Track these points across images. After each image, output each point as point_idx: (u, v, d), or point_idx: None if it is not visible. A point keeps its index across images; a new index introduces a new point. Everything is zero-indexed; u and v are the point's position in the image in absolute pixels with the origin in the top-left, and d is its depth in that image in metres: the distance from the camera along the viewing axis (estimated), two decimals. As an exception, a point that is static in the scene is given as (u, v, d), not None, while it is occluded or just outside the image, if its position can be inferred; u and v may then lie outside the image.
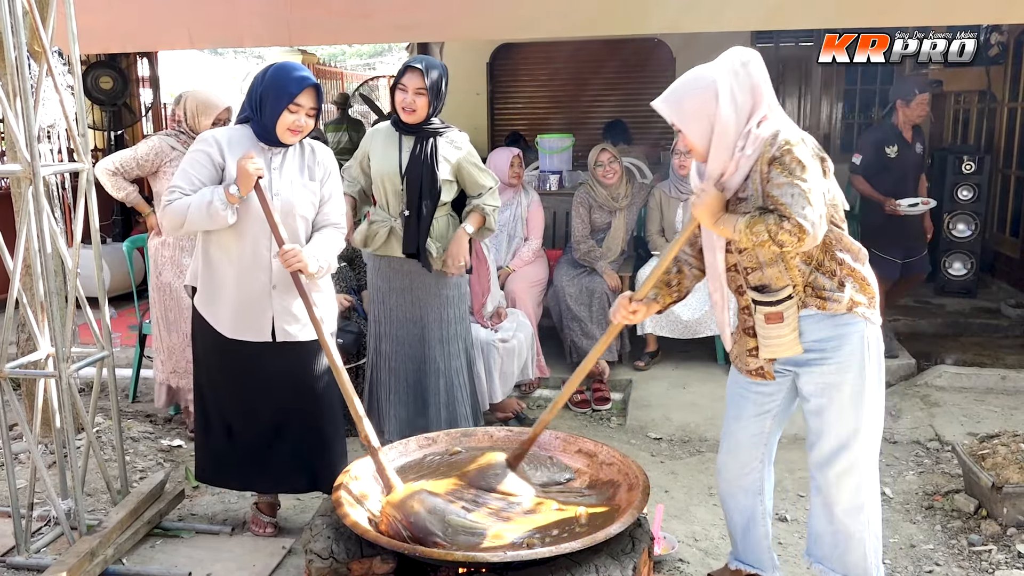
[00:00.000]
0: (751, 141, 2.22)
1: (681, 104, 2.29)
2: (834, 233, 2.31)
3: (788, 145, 2.17)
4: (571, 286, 4.93)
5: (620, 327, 2.62)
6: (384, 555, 2.19)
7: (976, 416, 4.35)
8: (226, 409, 3.00)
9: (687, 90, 2.29)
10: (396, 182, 3.43)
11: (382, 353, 3.67)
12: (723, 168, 2.27)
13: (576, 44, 8.68)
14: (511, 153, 5.03)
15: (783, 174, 2.15)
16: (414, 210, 3.41)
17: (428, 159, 3.39)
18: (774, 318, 2.34)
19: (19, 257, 2.82)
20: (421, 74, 3.30)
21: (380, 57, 19.86)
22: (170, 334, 4.03)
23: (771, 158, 2.18)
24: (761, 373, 2.47)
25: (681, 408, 4.53)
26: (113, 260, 5.87)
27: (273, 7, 4.63)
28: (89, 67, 6.80)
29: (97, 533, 2.92)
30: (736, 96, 2.24)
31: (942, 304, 6.30)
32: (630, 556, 2.22)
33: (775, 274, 2.32)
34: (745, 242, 2.21)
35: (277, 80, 2.78)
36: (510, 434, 2.90)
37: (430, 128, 3.42)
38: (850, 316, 2.31)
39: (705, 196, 2.27)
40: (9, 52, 2.64)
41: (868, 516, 2.42)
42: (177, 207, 2.72)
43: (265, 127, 2.81)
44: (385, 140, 3.49)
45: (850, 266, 2.32)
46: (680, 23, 4.45)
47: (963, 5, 4.02)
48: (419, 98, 3.33)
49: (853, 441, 2.37)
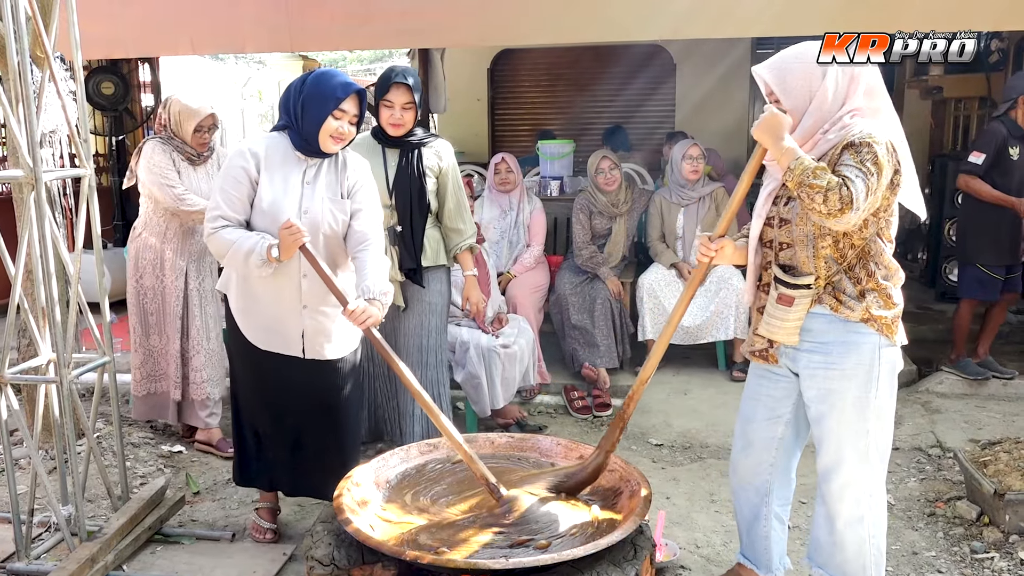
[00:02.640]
0: (836, 128, 2.25)
1: (785, 73, 2.30)
2: (877, 245, 2.30)
3: (871, 139, 2.17)
4: (574, 295, 4.92)
5: (704, 268, 2.48)
6: (385, 562, 2.18)
7: (977, 423, 4.35)
8: (256, 413, 3.01)
9: (795, 61, 2.30)
10: (384, 197, 3.29)
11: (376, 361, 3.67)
12: (802, 142, 2.28)
13: (577, 50, 8.70)
14: (495, 160, 5.04)
15: (854, 159, 2.15)
16: (407, 224, 3.35)
17: (415, 171, 3.33)
18: (786, 300, 2.33)
19: (21, 262, 2.82)
20: (409, 89, 3.22)
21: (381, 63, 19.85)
22: (149, 337, 3.98)
23: (848, 143, 2.19)
24: (764, 356, 2.48)
25: (682, 414, 4.53)
26: (113, 265, 5.87)
27: (274, 13, 4.64)
28: (91, 72, 6.80)
29: (98, 539, 2.92)
30: (838, 79, 2.26)
31: (943, 310, 6.29)
32: (632, 563, 2.21)
33: (804, 258, 2.32)
34: (797, 177, 2.14)
35: (320, 86, 2.72)
36: (511, 440, 2.89)
37: (414, 140, 3.35)
38: (864, 326, 2.30)
39: (768, 115, 2.25)
40: (12, 57, 2.65)
41: (869, 529, 2.41)
42: (222, 241, 2.69)
43: (305, 136, 2.76)
44: (368, 154, 3.26)
45: (878, 281, 2.31)
46: (682, 30, 4.46)
47: (964, 12, 4.03)
48: (407, 113, 3.27)
49: (855, 455, 2.35)
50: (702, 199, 5.04)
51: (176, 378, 3.93)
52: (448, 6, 4.50)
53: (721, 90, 8.41)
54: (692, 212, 5.05)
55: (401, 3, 4.53)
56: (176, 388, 3.95)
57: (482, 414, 4.12)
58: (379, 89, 3.29)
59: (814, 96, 2.26)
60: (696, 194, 5.03)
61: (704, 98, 8.34)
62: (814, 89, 2.26)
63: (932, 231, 6.88)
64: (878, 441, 2.36)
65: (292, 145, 2.79)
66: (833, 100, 2.26)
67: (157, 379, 4.01)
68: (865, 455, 2.36)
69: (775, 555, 2.68)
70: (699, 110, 8.40)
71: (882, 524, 2.45)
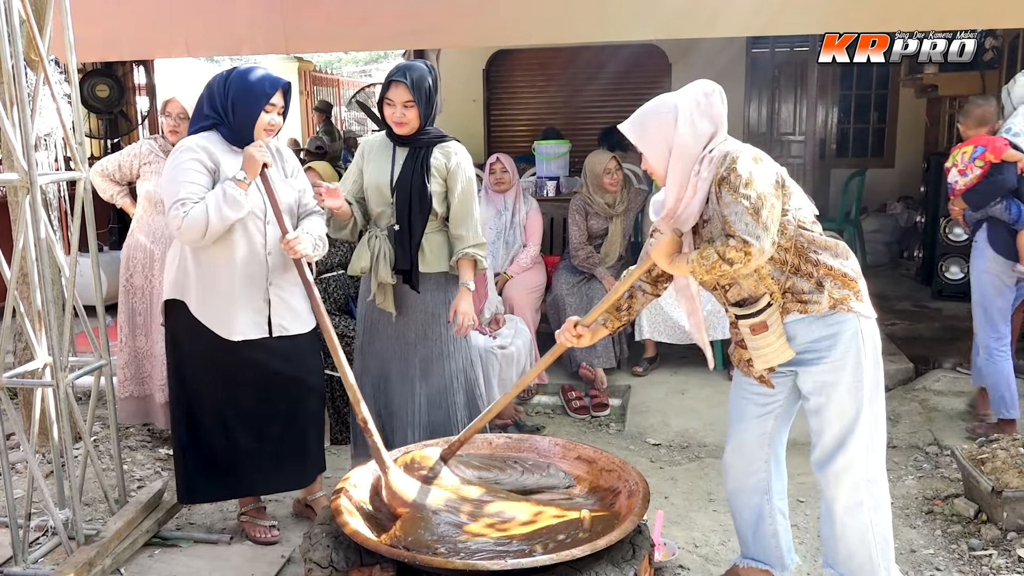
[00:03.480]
0: (705, 164, 2.31)
1: (644, 127, 2.38)
2: (804, 236, 2.36)
3: (733, 163, 2.24)
4: (571, 295, 4.92)
5: (563, 348, 2.70)
6: (384, 564, 2.18)
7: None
8: (220, 414, 2.99)
9: (650, 115, 2.39)
10: (386, 194, 3.25)
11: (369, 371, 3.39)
12: (680, 192, 2.35)
13: (572, 50, 8.69)
14: (490, 160, 5.04)
15: (729, 192, 2.23)
16: (405, 224, 3.25)
17: (420, 171, 3.24)
18: (759, 328, 2.38)
19: (16, 266, 2.81)
20: (406, 87, 3.15)
21: (376, 64, 19.87)
22: (135, 338, 3.97)
23: (720, 178, 2.26)
24: (763, 380, 2.52)
25: (680, 414, 4.53)
26: (108, 268, 5.84)
27: (270, 14, 4.63)
28: (85, 75, 6.79)
29: (95, 543, 2.91)
30: (696, 122, 2.33)
31: (939, 308, 6.30)
32: (631, 563, 2.21)
33: (752, 285, 2.37)
34: (701, 273, 2.29)
35: (247, 84, 2.87)
36: (509, 441, 2.90)
37: (425, 139, 3.29)
38: (838, 314, 2.34)
39: (661, 238, 2.36)
40: (6, 60, 2.63)
41: (871, 516, 2.43)
42: (196, 215, 2.70)
43: (238, 131, 2.88)
44: (379, 152, 3.32)
45: (827, 265, 2.35)
46: (677, 29, 4.46)
47: (958, 11, 4.04)
48: (408, 111, 3.18)
49: (851, 437, 2.39)
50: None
51: (162, 380, 3.88)
52: (444, 7, 4.50)
53: (716, 90, 8.42)
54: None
55: (397, 4, 4.53)
56: (162, 390, 3.90)
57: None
58: (383, 87, 3.26)
59: (672, 144, 2.33)
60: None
61: (700, 97, 8.33)
62: (670, 138, 2.33)
63: (928, 229, 6.89)
64: (873, 416, 2.40)
65: (225, 140, 2.91)
66: (696, 142, 2.33)
67: (141, 381, 4.00)
68: (862, 437, 2.39)
69: (785, 550, 2.68)
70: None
71: (885, 511, 2.46)
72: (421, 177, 3.23)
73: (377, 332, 3.35)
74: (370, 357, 3.37)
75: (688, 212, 2.34)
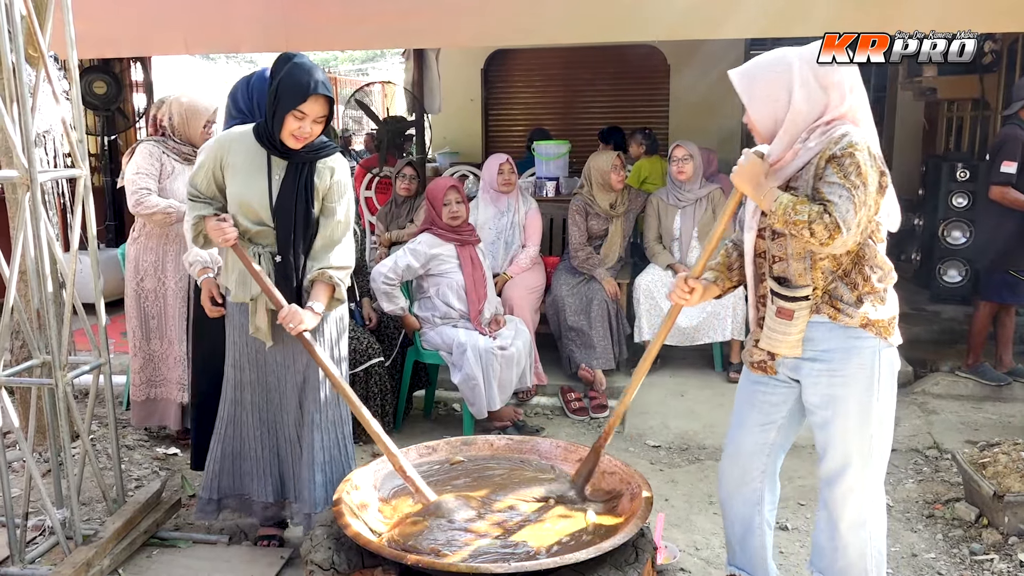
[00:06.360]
0: (816, 135, 2.21)
1: (754, 82, 2.25)
2: (871, 248, 2.28)
3: (852, 148, 2.14)
4: (570, 296, 4.91)
5: (679, 309, 2.52)
6: (386, 566, 2.17)
7: (973, 424, 4.36)
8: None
9: (763, 70, 2.25)
10: (262, 216, 2.80)
11: (244, 404, 2.98)
12: (782, 155, 2.25)
13: (571, 50, 8.70)
14: (499, 160, 5.03)
15: (838, 174, 2.13)
16: (288, 255, 2.81)
17: (304, 194, 2.80)
18: (785, 314, 2.30)
19: (15, 264, 2.79)
20: (326, 101, 2.73)
21: (372, 63, 19.87)
22: (150, 342, 3.95)
23: (831, 156, 2.15)
24: (763, 367, 2.44)
25: (679, 416, 4.52)
26: (106, 266, 5.82)
27: (268, 12, 4.61)
28: (83, 72, 6.76)
29: (93, 543, 2.89)
30: (811, 92, 2.20)
31: (937, 311, 6.30)
32: (634, 566, 2.21)
33: (799, 270, 2.29)
34: (779, 217, 2.16)
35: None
36: (510, 442, 2.89)
37: (307, 152, 2.80)
38: (864, 331, 2.28)
39: (745, 162, 2.24)
40: (7, 57, 2.61)
41: (871, 531, 2.40)
42: None
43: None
44: (249, 158, 2.80)
45: (874, 285, 2.28)
46: (677, 31, 4.45)
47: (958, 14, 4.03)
48: (317, 127, 2.76)
49: (859, 460, 2.34)
50: (699, 200, 5.04)
51: (181, 381, 3.89)
52: (443, 6, 4.49)
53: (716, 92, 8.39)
54: (689, 213, 5.05)
55: (397, 3, 4.52)
56: (181, 391, 3.90)
57: (479, 416, 4.11)
58: (290, 96, 2.66)
59: (780, 107, 2.21)
60: (693, 196, 5.03)
61: (699, 100, 8.33)
62: (781, 101, 2.20)
63: (926, 232, 6.90)
64: (881, 443, 2.36)
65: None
66: (809, 111, 2.22)
67: (157, 384, 3.98)
68: (869, 458, 2.34)
69: (770, 561, 2.66)
70: (694, 112, 8.40)
71: (882, 526, 2.44)
72: (305, 202, 2.81)
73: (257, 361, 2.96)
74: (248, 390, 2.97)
75: (781, 175, 2.25)
